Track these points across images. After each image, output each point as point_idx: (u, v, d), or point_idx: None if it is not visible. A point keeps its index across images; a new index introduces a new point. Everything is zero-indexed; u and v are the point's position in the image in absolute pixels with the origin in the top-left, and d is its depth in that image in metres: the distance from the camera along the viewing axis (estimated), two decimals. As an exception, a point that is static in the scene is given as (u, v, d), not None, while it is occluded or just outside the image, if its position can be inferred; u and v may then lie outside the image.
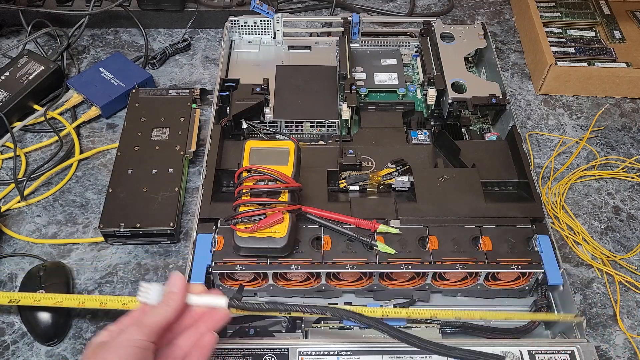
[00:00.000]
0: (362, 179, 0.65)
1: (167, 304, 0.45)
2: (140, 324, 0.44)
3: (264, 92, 0.74)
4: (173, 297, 0.45)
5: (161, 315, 0.44)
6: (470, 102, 0.72)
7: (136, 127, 0.75)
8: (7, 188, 0.72)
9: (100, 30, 0.94)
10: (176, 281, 0.46)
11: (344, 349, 0.51)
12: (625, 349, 0.61)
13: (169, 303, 0.45)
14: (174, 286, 0.46)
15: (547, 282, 0.57)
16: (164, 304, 0.45)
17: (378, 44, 0.85)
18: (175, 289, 0.46)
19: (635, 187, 0.76)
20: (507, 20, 1.00)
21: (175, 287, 0.46)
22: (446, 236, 0.58)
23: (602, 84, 0.85)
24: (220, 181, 0.65)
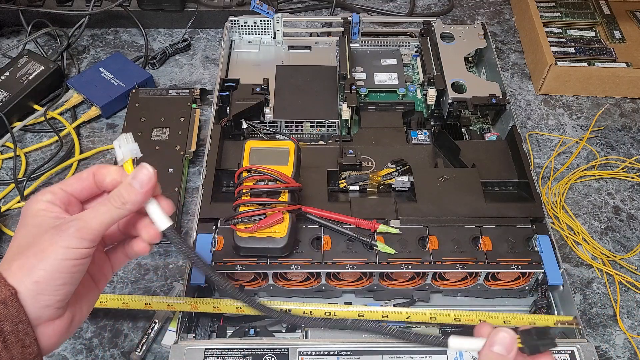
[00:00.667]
0: (362, 179, 0.65)
1: (121, 204, 0.37)
2: (83, 226, 0.36)
3: (264, 92, 0.74)
4: (131, 194, 0.38)
5: (110, 218, 0.37)
6: (470, 102, 0.72)
7: (136, 127, 0.75)
8: (7, 188, 0.72)
9: (100, 30, 0.94)
10: (142, 176, 0.38)
11: (344, 349, 0.51)
12: (625, 349, 0.61)
13: (124, 202, 0.37)
14: (138, 181, 0.38)
15: (547, 282, 0.57)
16: (117, 202, 0.37)
17: (378, 44, 0.85)
18: (137, 185, 0.38)
19: (635, 187, 0.76)
20: (507, 20, 1.00)
21: (137, 183, 0.38)
22: (446, 236, 0.58)
23: (602, 84, 0.85)
24: (220, 181, 0.65)
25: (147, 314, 0.62)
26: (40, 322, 0.36)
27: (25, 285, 0.35)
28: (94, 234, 0.37)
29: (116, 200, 0.38)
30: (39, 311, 0.36)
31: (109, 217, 0.37)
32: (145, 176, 0.38)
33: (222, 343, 0.52)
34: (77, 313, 0.39)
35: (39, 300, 0.35)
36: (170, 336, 0.59)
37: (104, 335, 0.60)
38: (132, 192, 0.38)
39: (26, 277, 0.35)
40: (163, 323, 0.60)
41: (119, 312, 0.62)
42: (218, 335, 0.57)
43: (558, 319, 0.56)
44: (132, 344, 0.60)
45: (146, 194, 0.38)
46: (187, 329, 0.55)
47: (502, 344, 0.35)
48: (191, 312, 0.56)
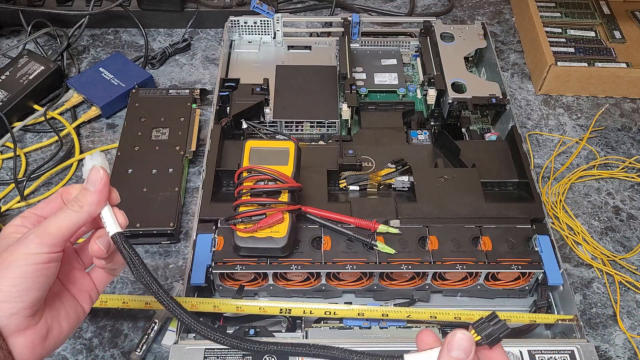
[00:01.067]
0: (362, 179, 0.65)
1: (77, 207, 0.38)
2: (42, 232, 0.37)
3: (264, 92, 0.74)
4: (87, 198, 0.38)
5: (68, 221, 0.38)
6: (470, 102, 0.72)
7: (136, 127, 0.75)
8: (7, 188, 0.72)
9: (100, 30, 0.94)
10: (94, 177, 0.39)
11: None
12: (625, 349, 0.61)
13: (80, 204, 0.38)
14: (92, 184, 0.38)
15: (547, 282, 0.57)
16: (74, 205, 0.38)
17: (378, 44, 0.85)
18: (92, 187, 0.38)
19: (635, 187, 0.76)
20: (507, 20, 1.00)
21: (92, 185, 0.38)
22: (446, 236, 0.58)
23: (602, 84, 0.85)
24: (220, 181, 0.65)
25: (147, 314, 0.62)
26: (10, 332, 0.36)
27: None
28: (53, 238, 0.37)
29: (73, 205, 0.38)
30: (5, 320, 0.35)
31: (67, 221, 0.38)
32: (96, 176, 0.39)
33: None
34: (54, 327, 0.39)
35: (3, 308, 0.35)
36: (170, 336, 0.59)
37: (104, 335, 0.60)
38: (87, 193, 0.38)
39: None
40: (163, 323, 0.60)
41: (119, 312, 0.62)
42: (218, 335, 0.56)
43: (558, 319, 0.56)
44: (132, 344, 0.60)
45: (100, 194, 0.38)
46: (187, 329, 0.55)
47: (460, 347, 0.34)
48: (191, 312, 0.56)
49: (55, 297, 0.40)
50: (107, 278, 0.44)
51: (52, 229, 0.37)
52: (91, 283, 0.43)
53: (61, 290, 0.42)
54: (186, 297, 0.55)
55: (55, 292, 0.41)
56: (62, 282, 0.42)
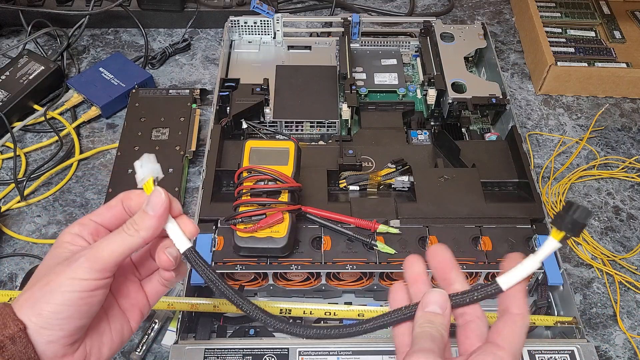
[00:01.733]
0: (362, 179, 0.65)
1: (134, 231, 0.36)
2: (92, 255, 0.35)
3: (264, 92, 0.74)
4: (145, 222, 0.36)
5: (123, 246, 0.35)
6: (470, 102, 0.72)
7: (136, 127, 0.75)
8: (7, 188, 0.72)
9: (100, 30, 0.94)
10: (155, 200, 0.36)
11: (344, 349, 0.51)
12: (625, 349, 0.61)
13: (137, 228, 0.36)
14: (150, 206, 0.36)
15: (547, 282, 0.57)
16: (130, 229, 0.36)
17: (378, 44, 0.85)
18: (152, 211, 0.36)
19: (635, 187, 0.76)
20: (507, 20, 1.00)
21: (152, 209, 0.36)
22: (446, 236, 0.58)
23: (602, 84, 0.85)
24: (220, 181, 0.65)
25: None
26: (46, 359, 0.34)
27: (30, 318, 0.33)
28: (104, 264, 0.35)
29: (129, 228, 0.36)
30: (43, 346, 0.34)
31: (121, 245, 0.35)
32: (157, 199, 0.36)
33: (222, 343, 0.52)
34: (93, 353, 0.37)
35: (42, 334, 0.33)
36: (170, 336, 0.59)
37: (104, 335, 0.60)
38: (145, 217, 0.36)
39: (30, 310, 0.33)
40: (163, 323, 0.60)
41: (119, 312, 0.62)
42: (218, 335, 0.57)
43: (558, 319, 0.56)
44: (132, 344, 0.60)
45: (160, 219, 0.36)
46: (187, 329, 0.55)
47: (435, 302, 0.35)
48: (191, 312, 0.56)
49: (102, 317, 0.38)
50: (162, 291, 0.41)
51: (104, 253, 0.35)
52: (144, 297, 0.41)
53: (111, 305, 0.39)
54: (186, 297, 0.55)
55: (104, 308, 0.38)
56: (115, 296, 0.40)
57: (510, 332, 0.34)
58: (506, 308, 0.35)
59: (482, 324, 0.36)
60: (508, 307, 0.35)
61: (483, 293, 0.35)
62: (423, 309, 0.35)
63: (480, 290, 0.36)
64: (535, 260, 0.35)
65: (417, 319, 0.35)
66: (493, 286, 0.35)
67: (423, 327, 0.34)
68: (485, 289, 0.36)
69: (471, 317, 0.36)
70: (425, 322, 0.34)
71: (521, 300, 0.35)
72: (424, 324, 0.34)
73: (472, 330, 0.35)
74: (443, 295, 0.35)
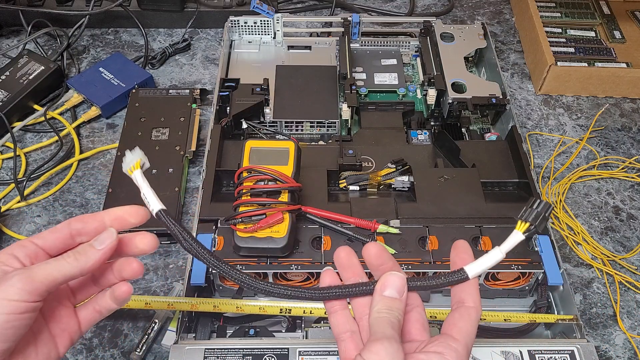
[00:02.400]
0: (362, 179, 0.65)
1: (74, 259, 0.35)
2: (26, 277, 0.33)
3: (264, 92, 0.74)
4: (89, 254, 0.36)
5: (59, 272, 0.34)
6: (470, 102, 0.72)
7: (136, 127, 0.75)
8: (7, 188, 0.72)
9: (100, 30, 0.94)
10: (105, 238, 0.36)
11: (344, 349, 0.51)
12: (625, 349, 0.61)
13: (79, 258, 0.35)
14: (100, 242, 0.36)
15: (547, 282, 0.57)
16: (71, 257, 0.35)
17: (378, 44, 0.85)
18: (99, 246, 0.36)
19: (635, 187, 0.76)
20: (507, 20, 1.00)
21: (100, 244, 0.36)
22: (446, 236, 0.58)
23: (602, 84, 0.85)
24: (220, 181, 0.65)
25: (147, 314, 0.62)
26: None
27: None
28: (37, 286, 0.33)
29: (70, 255, 0.35)
30: None
31: (57, 271, 0.34)
32: (107, 236, 0.36)
33: (222, 343, 0.52)
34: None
35: None
36: (170, 336, 0.59)
37: (104, 335, 0.60)
38: (90, 250, 0.36)
39: None
40: (163, 323, 0.60)
41: (119, 312, 0.62)
42: (218, 335, 0.57)
43: (558, 319, 0.56)
44: (132, 344, 0.60)
45: (103, 255, 0.36)
46: (187, 329, 0.55)
47: (393, 286, 0.35)
48: (191, 312, 0.56)
49: (29, 340, 0.37)
50: (96, 318, 0.41)
51: (39, 275, 0.34)
52: (77, 323, 0.40)
53: (40, 329, 0.38)
54: (186, 297, 0.55)
55: (33, 332, 0.37)
56: (45, 320, 0.38)
57: (465, 324, 0.35)
58: (460, 300, 0.36)
59: (423, 312, 0.37)
60: (462, 299, 0.36)
61: (447, 279, 0.36)
62: (381, 292, 0.35)
63: (445, 276, 0.36)
64: (500, 251, 0.36)
65: (375, 303, 0.35)
66: (459, 274, 0.36)
67: (381, 313, 0.34)
68: (451, 276, 0.36)
69: (411, 306, 0.37)
70: (384, 308, 0.34)
71: (475, 294, 0.36)
72: (382, 310, 0.34)
73: (417, 320, 0.36)
74: (401, 279, 0.35)
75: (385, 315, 0.34)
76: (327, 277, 0.38)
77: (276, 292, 0.37)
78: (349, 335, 0.36)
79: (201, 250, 0.37)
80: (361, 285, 0.36)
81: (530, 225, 0.35)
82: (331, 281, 0.37)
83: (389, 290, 0.35)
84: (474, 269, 0.36)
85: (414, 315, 0.36)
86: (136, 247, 0.39)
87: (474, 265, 0.36)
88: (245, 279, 0.37)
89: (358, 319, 0.37)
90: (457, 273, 0.36)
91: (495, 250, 0.36)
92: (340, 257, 0.38)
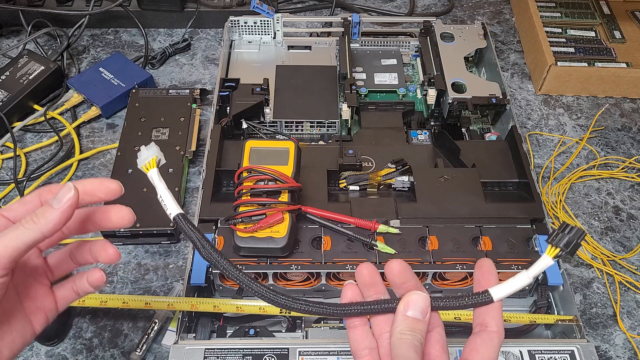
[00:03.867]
0: (362, 179, 0.65)
1: (32, 224, 0.33)
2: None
3: (264, 92, 0.74)
4: (47, 215, 0.33)
5: (18, 240, 0.32)
6: (470, 102, 0.72)
7: (136, 127, 0.75)
8: (7, 188, 0.72)
9: (100, 30, 0.94)
10: (62, 194, 0.34)
11: (344, 349, 0.51)
12: (625, 349, 0.61)
13: (36, 222, 0.33)
14: (58, 201, 0.34)
15: (547, 282, 0.57)
16: (30, 222, 0.33)
17: (378, 44, 0.85)
18: (57, 204, 0.33)
19: (635, 187, 0.76)
20: (507, 20, 1.00)
21: (58, 202, 0.34)
22: (446, 236, 0.58)
23: (602, 84, 0.85)
24: (220, 181, 0.65)
25: (147, 314, 0.62)
26: None
27: None
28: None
29: (27, 221, 0.33)
30: None
31: (16, 239, 0.32)
32: (64, 193, 0.34)
33: (222, 343, 0.52)
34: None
35: None
36: (170, 336, 0.59)
37: (104, 335, 0.60)
38: (48, 210, 0.33)
39: None
40: (163, 323, 0.60)
41: (119, 312, 0.62)
42: (218, 335, 0.57)
43: (558, 319, 0.56)
44: (132, 344, 0.60)
45: (63, 214, 0.33)
46: (187, 329, 0.55)
47: (416, 307, 0.34)
48: (191, 312, 0.56)
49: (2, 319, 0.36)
50: (73, 298, 0.40)
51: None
52: (53, 302, 0.39)
53: (14, 307, 0.37)
54: (186, 297, 0.55)
55: (7, 309, 0.36)
56: (20, 297, 0.37)
57: (487, 350, 0.34)
58: (483, 323, 0.35)
59: (443, 333, 0.36)
60: (485, 322, 0.35)
61: (471, 301, 0.35)
62: (404, 312, 0.34)
63: (469, 297, 0.35)
64: (527, 276, 0.35)
65: (398, 323, 0.34)
66: (484, 296, 0.35)
67: (404, 334, 0.33)
68: (475, 298, 0.35)
69: (432, 326, 0.35)
70: (407, 329, 0.33)
71: (499, 317, 0.35)
72: (405, 331, 0.33)
73: (437, 341, 0.35)
74: (425, 300, 0.34)
75: (408, 338, 0.33)
76: (349, 291, 0.37)
77: (298, 307, 0.36)
78: (368, 352, 0.35)
79: (220, 259, 0.36)
80: (383, 303, 0.35)
81: (561, 251, 0.34)
82: (352, 295, 0.37)
83: (412, 311, 0.34)
84: (499, 292, 0.35)
85: (434, 336, 0.35)
86: (110, 220, 0.38)
87: (499, 288, 0.35)
88: (266, 292, 0.36)
89: (377, 335, 0.36)
90: (481, 295, 0.35)
91: (523, 275, 0.35)
92: (363, 275, 0.37)
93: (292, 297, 0.36)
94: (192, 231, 0.36)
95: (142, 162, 0.37)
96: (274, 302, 0.36)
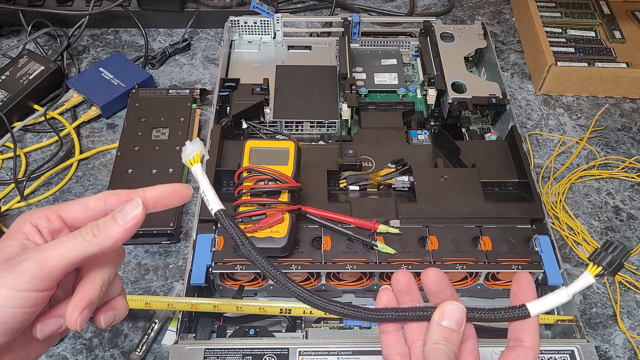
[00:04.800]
0: (362, 179, 0.65)
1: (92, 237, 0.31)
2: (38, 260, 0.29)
3: (264, 92, 0.74)
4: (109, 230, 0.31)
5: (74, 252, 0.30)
6: (470, 102, 0.72)
7: (136, 127, 0.75)
8: (7, 188, 0.72)
9: (100, 30, 0.94)
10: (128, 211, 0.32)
11: (344, 349, 0.51)
12: (625, 349, 0.61)
13: (98, 235, 0.31)
14: (123, 217, 0.32)
15: (547, 282, 0.57)
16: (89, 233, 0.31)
17: (378, 44, 0.85)
18: (121, 221, 0.32)
19: (635, 187, 0.76)
20: (507, 20, 1.00)
21: (123, 218, 0.32)
22: (446, 236, 0.58)
23: (602, 84, 0.85)
24: (220, 181, 0.65)
25: (147, 314, 0.62)
26: None
27: None
28: (50, 272, 0.30)
29: (87, 231, 0.31)
30: None
31: (73, 250, 0.30)
32: (131, 209, 0.32)
33: (222, 343, 0.52)
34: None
35: None
36: (170, 336, 0.59)
37: (104, 335, 0.60)
38: (111, 225, 0.32)
39: None
40: (163, 323, 0.60)
41: (119, 312, 0.62)
42: (218, 335, 0.57)
43: (558, 319, 0.56)
44: (132, 344, 0.60)
45: (126, 232, 0.32)
46: (187, 329, 0.55)
47: (451, 317, 0.34)
48: (191, 312, 0.56)
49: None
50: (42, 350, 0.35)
51: (51, 260, 0.29)
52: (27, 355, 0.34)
53: None
54: (186, 297, 0.55)
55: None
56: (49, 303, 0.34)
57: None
58: (518, 338, 0.35)
59: (476, 344, 0.35)
60: (521, 337, 0.34)
61: (507, 314, 0.35)
62: (439, 322, 0.34)
63: (506, 311, 0.35)
64: (567, 293, 0.35)
65: (433, 332, 0.34)
66: (520, 310, 0.35)
67: (438, 344, 0.33)
68: (511, 311, 0.35)
69: (466, 337, 0.35)
70: (442, 339, 0.33)
71: (535, 333, 0.34)
72: (439, 341, 0.33)
73: (470, 352, 0.35)
74: (461, 310, 0.34)
75: (442, 348, 0.33)
76: (384, 297, 0.37)
77: (332, 309, 0.36)
78: (399, 358, 0.35)
79: (259, 257, 0.36)
80: (418, 310, 0.35)
81: (603, 270, 0.33)
82: (387, 300, 0.36)
83: (447, 321, 0.34)
84: (536, 308, 0.34)
85: (468, 347, 0.35)
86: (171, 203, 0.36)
87: (537, 303, 0.35)
88: (302, 292, 0.36)
89: (409, 342, 0.36)
90: (518, 309, 0.35)
91: (562, 291, 0.35)
92: (399, 282, 0.36)
93: (329, 300, 0.36)
94: (233, 227, 0.36)
95: (186, 157, 0.37)
96: (309, 303, 0.36)
